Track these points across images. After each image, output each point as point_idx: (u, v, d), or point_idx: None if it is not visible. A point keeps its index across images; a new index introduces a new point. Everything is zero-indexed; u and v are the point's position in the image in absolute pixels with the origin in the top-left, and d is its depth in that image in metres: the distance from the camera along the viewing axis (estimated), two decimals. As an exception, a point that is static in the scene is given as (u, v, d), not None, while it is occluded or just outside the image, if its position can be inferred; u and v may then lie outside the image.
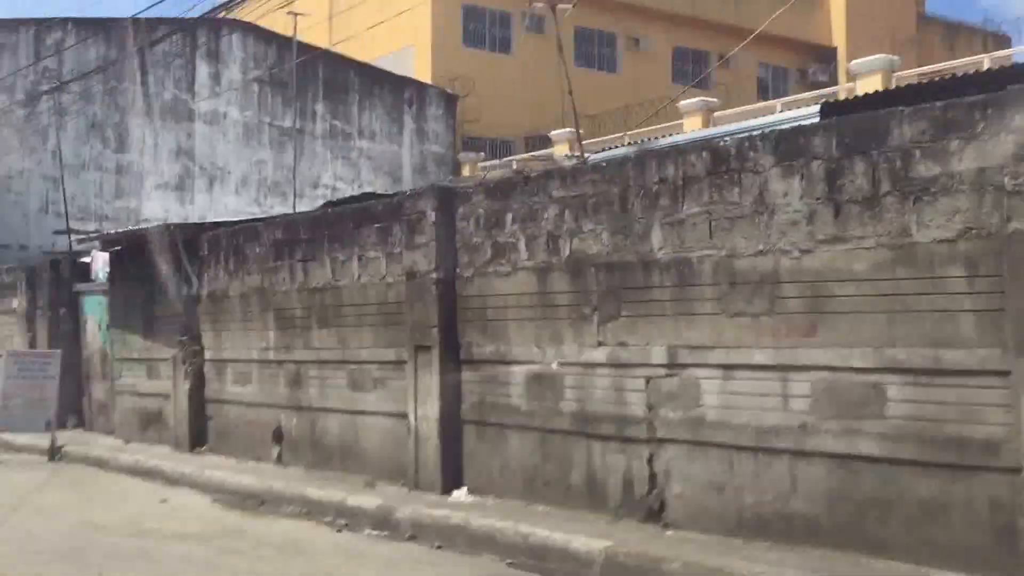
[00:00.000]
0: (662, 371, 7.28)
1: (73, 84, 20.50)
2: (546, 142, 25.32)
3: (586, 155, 12.53)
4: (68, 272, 16.66)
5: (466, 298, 9.09)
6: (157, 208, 21.20)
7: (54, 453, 14.01)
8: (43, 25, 20.87)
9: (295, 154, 22.95)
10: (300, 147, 23.87)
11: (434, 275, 9.25)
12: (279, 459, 11.59)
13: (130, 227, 19.50)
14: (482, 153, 26.61)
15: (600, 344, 7.77)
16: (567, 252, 8.08)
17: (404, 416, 9.55)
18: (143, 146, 22.04)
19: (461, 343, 9.09)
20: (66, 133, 20.83)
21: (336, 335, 10.71)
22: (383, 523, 8.52)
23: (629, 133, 20.36)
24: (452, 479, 9.01)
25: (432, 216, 9.34)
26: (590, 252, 7.89)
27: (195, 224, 13.73)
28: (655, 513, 7.25)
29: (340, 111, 24.61)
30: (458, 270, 9.17)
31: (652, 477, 7.30)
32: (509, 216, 8.66)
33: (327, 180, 23.78)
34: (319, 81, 24.29)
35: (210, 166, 22.90)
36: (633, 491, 7.44)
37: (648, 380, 7.36)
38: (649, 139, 16.31)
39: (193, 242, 13.15)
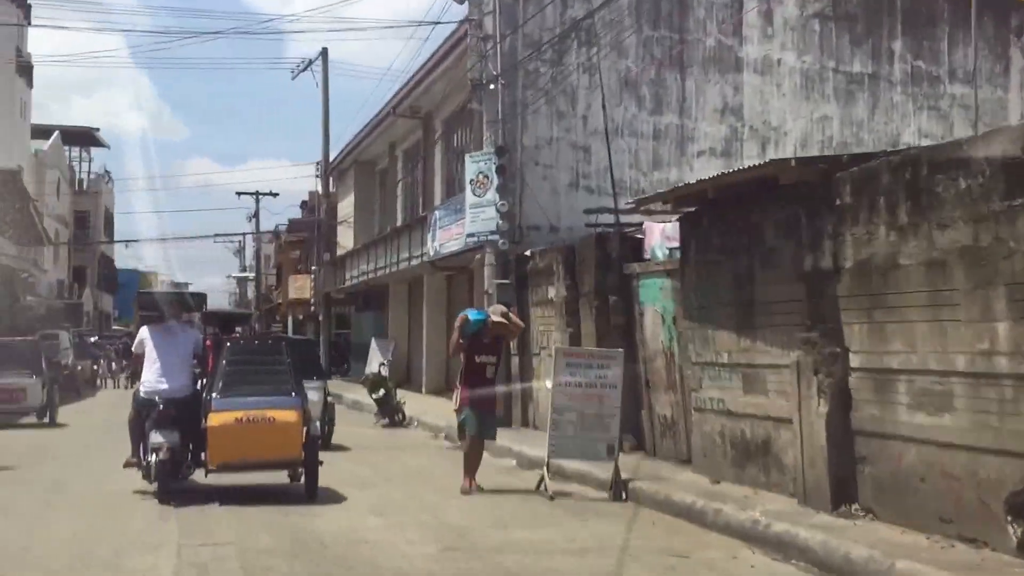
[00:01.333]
0: None
1: (603, 37, 17.16)
2: None
3: None
4: (617, 250, 12.97)
5: None
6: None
7: (618, 491, 10.23)
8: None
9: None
10: (873, 97, 18.70)
11: None
12: (1022, 548, 6.55)
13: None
14: None
15: None
16: None
17: None
18: (683, 105, 18.19)
19: None
20: (596, 93, 17.54)
21: None
22: None
23: None
24: None
25: None
26: None
27: (827, 158, 9.16)
28: None
29: (925, 49, 18.98)
30: None
31: None
32: None
33: (908, 137, 18.30)
34: (897, 12, 18.86)
35: (762, 126, 18.45)
36: None
37: None
38: None
39: (821, 187, 8.57)
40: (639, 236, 13.20)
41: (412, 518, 9.16)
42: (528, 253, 16.01)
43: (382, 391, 18.51)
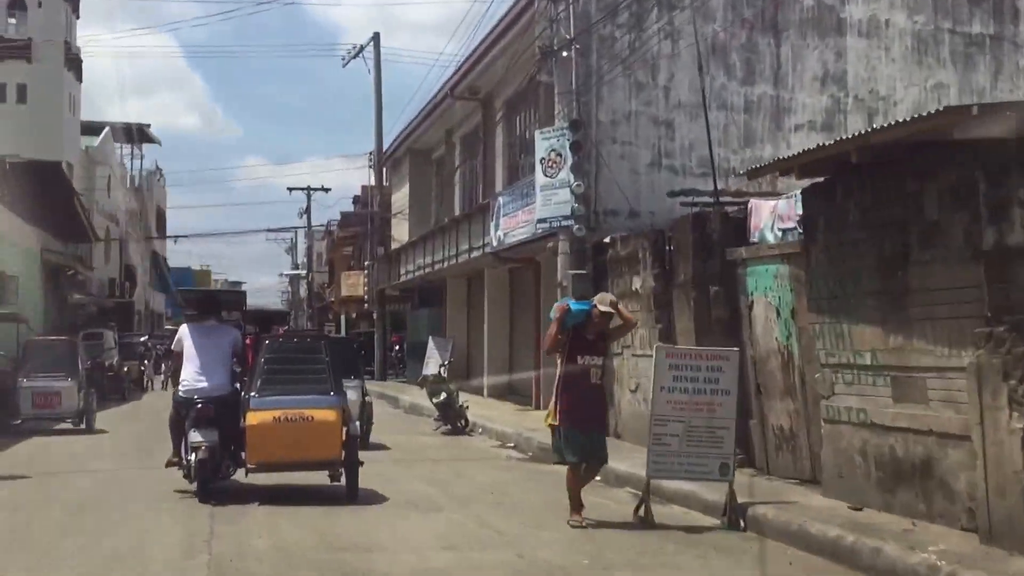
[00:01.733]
0: None
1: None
2: None
3: None
4: (719, 232, 11.17)
5: None
6: (794, 158, 15.20)
7: (735, 517, 8.48)
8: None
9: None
10: (996, 61, 16.66)
11: None
12: None
13: (764, 187, 13.82)
14: None
15: None
16: None
17: None
18: (777, 74, 16.29)
19: None
20: (678, 62, 15.78)
21: None
22: None
23: None
24: None
25: None
26: None
27: (1019, 104, 7.30)
28: None
29: (1055, 5, 16.92)
30: None
31: None
32: None
33: (1036, 105, 16.23)
34: (1023, -37, 16.86)
35: (868, 95, 16.48)
36: None
37: None
38: None
39: (1010, 143, 6.74)
40: (740, 217, 11.39)
41: (492, 555, 7.49)
42: (608, 240, 14.25)
43: (443, 395, 16.87)
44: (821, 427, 9.06)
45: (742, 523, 8.44)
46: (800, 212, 9.90)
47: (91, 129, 49.09)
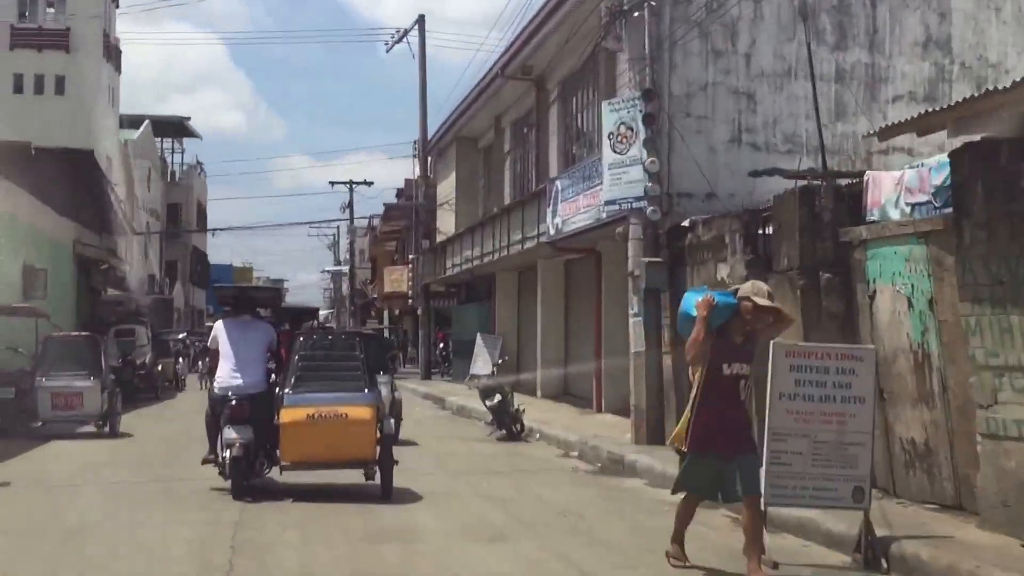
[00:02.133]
0: None
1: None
2: None
3: None
4: (831, 210, 9.47)
5: None
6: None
7: (874, 554, 6.88)
8: None
9: None
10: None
11: None
12: None
13: (859, 166, 12.13)
14: None
15: None
16: None
17: None
18: (873, 39, 14.52)
19: None
20: (760, 26, 14.12)
21: None
22: None
23: None
24: None
25: None
26: None
27: None
28: None
29: None
30: None
31: None
32: None
33: None
34: None
35: (976, 62, 14.67)
36: None
37: None
38: None
39: None
40: (848, 189, 9.70)
41: (580, 609, 5.94)
42: (687, 223, 12.60)
43: (497, 397, 15.34)
44: (976, 443, 7.41)
45: (884, 563, 6.83)
46: (936, 183, 8.26)
47: (132, 123, 48.27)
